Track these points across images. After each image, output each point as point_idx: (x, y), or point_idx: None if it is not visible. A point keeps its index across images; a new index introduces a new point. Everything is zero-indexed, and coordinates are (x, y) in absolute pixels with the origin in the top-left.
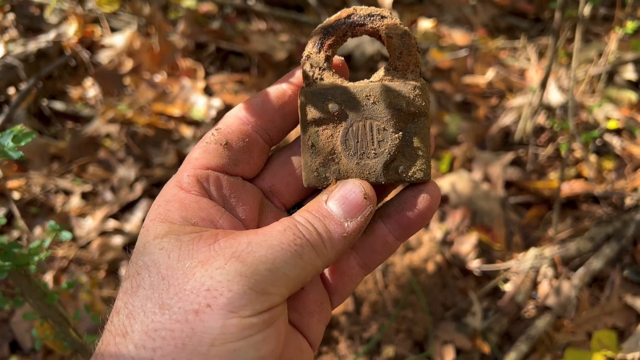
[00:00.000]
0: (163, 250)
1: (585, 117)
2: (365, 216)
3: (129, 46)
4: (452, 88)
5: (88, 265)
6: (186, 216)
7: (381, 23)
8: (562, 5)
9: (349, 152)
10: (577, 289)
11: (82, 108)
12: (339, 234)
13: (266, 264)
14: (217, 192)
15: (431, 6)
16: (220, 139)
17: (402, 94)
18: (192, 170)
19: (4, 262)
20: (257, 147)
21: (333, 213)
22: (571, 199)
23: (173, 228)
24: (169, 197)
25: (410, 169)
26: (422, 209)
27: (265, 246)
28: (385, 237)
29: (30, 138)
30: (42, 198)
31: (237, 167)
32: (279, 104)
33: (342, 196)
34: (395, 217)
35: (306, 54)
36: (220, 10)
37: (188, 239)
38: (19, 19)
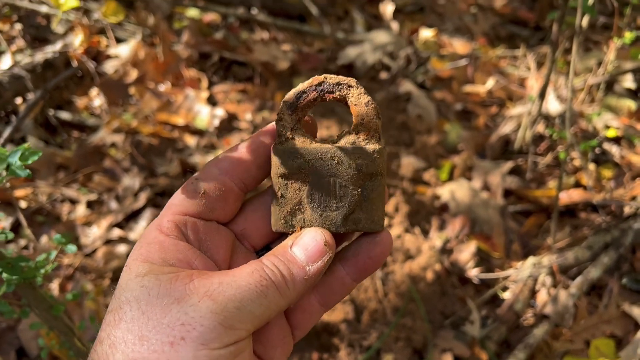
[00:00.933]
0: (144, 287)
1: (584, 126)
2: (325, 261)
3: (134, 56)
4: (452, 97)
5: (93, 273)
6: (165, 257)
7: (348, 92)
8: (560, 17)
9: (313, 204)
10: (574, 297)
11: (87, 117)
12: (300, 277)
13: (234, 303)
14: (194, 235)
15: (432, 15)
16: (199, 188)
17: (362, 157)
18: (172, 216)
19: (11, 275)
20: (232, 195)
21: (297, 258)
22: (570, 208)
23: (153, 268)
24: (150, 239)
25: (366, 221)
26: (376, 255)
27: (235, 286)
28: (343, 279)
29: (37, 156)
30: (49, 207)
31: (213, 213)
32: (255, 156)
33: (305, 243)
34: (352, 261)
35: (279, 116)
36: (224, 20)
37: (166, 278)
38: (26, 29)
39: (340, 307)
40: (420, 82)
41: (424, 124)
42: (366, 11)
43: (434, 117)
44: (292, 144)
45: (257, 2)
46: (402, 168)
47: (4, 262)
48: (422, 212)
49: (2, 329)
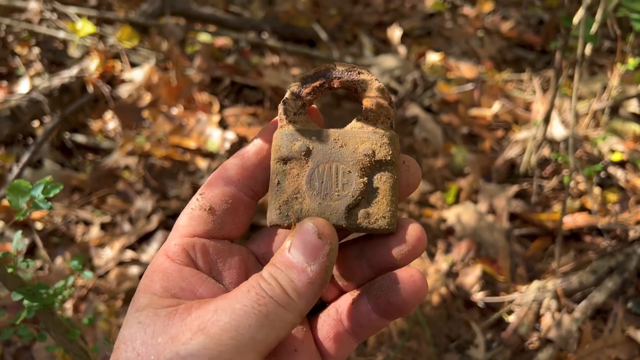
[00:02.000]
0: (141, 324)
1: (589, 150)
2: (326, 255)
3: (147, 80)
4: (458, 120)
5: (106, 294)
6: (167, 286)
7: (357, 77)
8: (563, 45)
9: (313, 192)
10: (579, 321)
11: (102, 140)
12: (303, 282)
13: (229, 332)
14: (204, 259)
15: (439, 39)
16: (205, 204)
17: (370, 141)
18: (179, 239)
19: (32, 302)
20: (241, 206)
21: (294, 260)
22: (575, 232)
23: (153, 300)
24: (155, 267)
25: (373, 217)
26: (401, 301)
27: (229, 312)
28: (369, 314)
29: (58, 189)
30: (64, 228)
31: (223, 230)
32: (259, 159)
33: (300, 240)
34: (377, 299)
35: (284, 99)
36: (235, 44)
37: (165, 313)
38: (44, 53)
39: None
40: (427, 106)
41: (430, 147)
42: (374, 36)
43: (440, 141)
44: (293, 127)
45: (268, 27)
46: None
47: (25, 289)
48: (428, 235)
49: (18, 348)
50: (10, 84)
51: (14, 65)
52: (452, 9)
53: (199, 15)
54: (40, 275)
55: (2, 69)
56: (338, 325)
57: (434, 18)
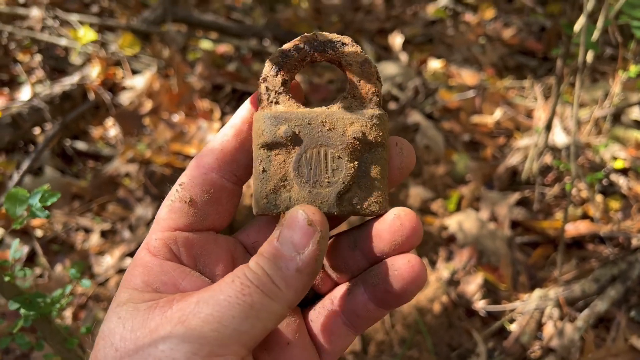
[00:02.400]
0: (120, 319)
1: (591, 157)
2: (317, 242)
3: (148, 87)
4: (460, 127)
5: (105, 302)
6: (148, 281)
7: (342, 50)
8: (564, 53)
9: (301, 180)
10: (581, 330)
11: (103, 147)
12: (292, 270)
13: (211, 324)
14: (187, 252)
15: (441, 46)
16: (184, 195)
17: (359, 122)
18: (160, 233)
19: (29, 311)
20: (224, 194)
21: (282, 249)
22: (577, 239)
23: (133, 295)
24: (137, 261)
25: (365, 201)
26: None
27: (212, 303)
28: (366, 305)
29: (56, 198)
30: (64, 236)
31: (206, 221)
32: (238, 141)
33: (289, 228)
34: (374, 287)
35: (263, 76)
36: (237, 51)
37: (145, 307)
38: (46, 60)
39: None
40: (428, 113)
41: (432, 154)
42: (375, 42)
43: (442, 148)
44: (276, 109)
45: (269, 34)
46: (410, 198)
47: (22, 297)
48: (430, 243)
49: (17, 356)
50: (11, 91)
51: (15, 72)
52: (454, 16)
53: (200, 22)
54: (39, 283)
55: (3, 76)
56: (333, 317)
57: (436, 25)
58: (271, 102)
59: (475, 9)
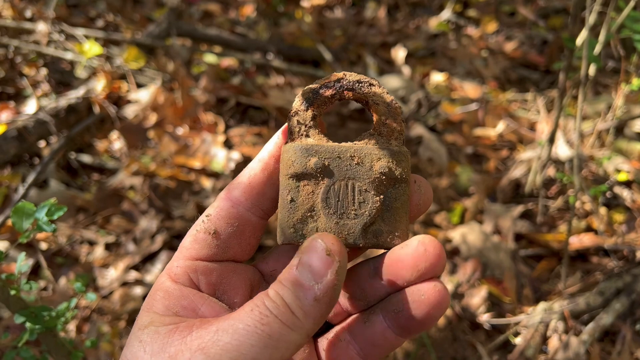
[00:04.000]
0: (141, 343)
1: (595, 169)
2: (335, 272)
3: (153, 101)
4: (463, 140)
5: (109, 315)
6: (168, 305)
7: (369, 90)
8: (566, 66)
9: (328, 211)
10: (586, 344)
11: (107, 160)
12: (310, 300)
13: (230, 353)
14: (207, 281)
15: (443, 59)
16: (209, 227)
17: (386, 158)
18: (182, 261)
19: (34, 325)
20: (248, 228)
21: (301, 278)
22: (581, 252)
23: (154, 319)
24: (157, 286)
25: (389, 234)
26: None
27: (231, 332)
28: (384, 333)
29: (62, 212)
30: (68, 248)
31: (227, 253)
32: (266, 175)
33: (308, 257)
34: (393, 315)
35: (294, 110)
36: (241, 65)
37: (165, 330)
38: (51, 74)
39: None
40: (431, 126)
41: (435, 167)
42: (378, 56)
43: (445, 160)
44: (306, 141)
45: (273, 48)
46: None
47: (28, 311)
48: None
49: None
50: (17, 105)
51: (21, 85)
52: (456, 29)
53: (204, 36)
54: (44, 296)
55: (9, 90)
56: (346, 347)
57: (438, 38)
58: (301, 134)
59: (478, 23)
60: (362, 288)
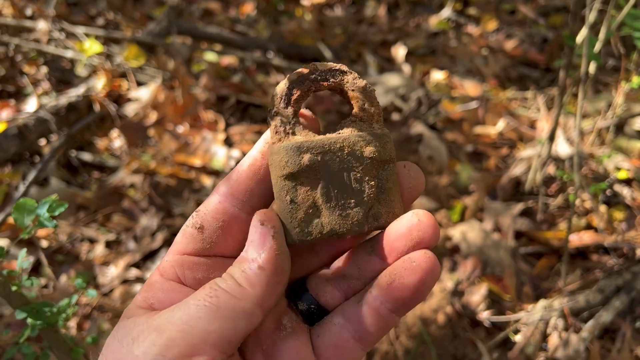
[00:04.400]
0: (114, 335)
1: (595, 167)
2: (273, 238)
3: (153, 99)
4: (463, 138)
5: (110, 312)
6: (146, 297)
7: (342, 78)
8: (566, 64)
9: (330, 204)
10: (586, 341)
11: (108, 158)
12: (254, 269)
13: (179, 327)
14: (192, 275)
15: (443, 57)
16: (197, 222)
17: (373, 143)
18: (171, 256)
19: (35, 320)
20: (236, 224)
21: (247, 255)
22: (581, 250)
23: (132, 310)
24: (147, 281)
25: (388, 215)
26: (414, 283)
27: (183, 308)
28: (379, 310)
29: (64, 208)
30: (69, 246)
31: (215, 248)
32: (253, 171)
33: (250, 236)
34: (386, 289)
35: (274, 111)
36: (241, 63)
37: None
38: (52, 72)
39: None
40: (431, 124)
41: (435, 165)
42: (378, 54)
43: (445, 158)
44: (294, 139)
45: (273, 46)
46: (414, 208)
47: (29, 307)
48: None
49: None
50: (18, 103)
51: (22, 84)
52: (456, 27)
53: (205, 34)
54: (44, 294)
55: (10, 88)
56: (342, 331)
57: (438, 37)
58: (287, 133)
59: (478, 21)
60: (359, 267)
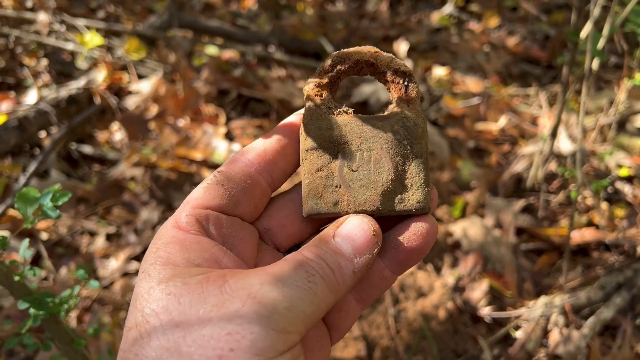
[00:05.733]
0: (171, 295)
1: (596, 164)
2: (373, 253)
3: (154, 92)
4: (465, 134)
5: (110, 305)
6: (189, 257)
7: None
8: (570, 60)
9: (349, 182)
10: (587, 338)
11: (108, 151)
12: (349, 270)
13: (284, 303)
14: (217, 231)
15: (445, 53)
16: (222, 179)
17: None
18: (191, 210)
19: (38, 311)
20: (258, 190)
21: (342, 249)
22: (582, 247)
23: (177, 271)
24: (168, 239)
25: (408, 200)
26: (419, 245)
27: (280, 285)
28: (382, 272)
29: (67, 197)
30: (69, 239)
31: (237, 208)
32: (281, 145)
33: (351, 232)
34: (391, 251)
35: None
36: (242, 57)
37: (195, 281)
38: (52, 64)
39: (352, 343)
40: (433, 120)
41: (436, 160)
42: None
43: (446, 154)
44: (324, 114)
45: (275, 41)
46: None
47: (31, 297)
48: (435, 249)
49: (21, 359)
50: (18, 95)
51: (22, 76)
52: (458, 23)
53: (206, 28)
54: (44, 286)
55: (10, 80)
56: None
57: (440, 33)
58: (318, 105)
59: (480, 17)
60: None
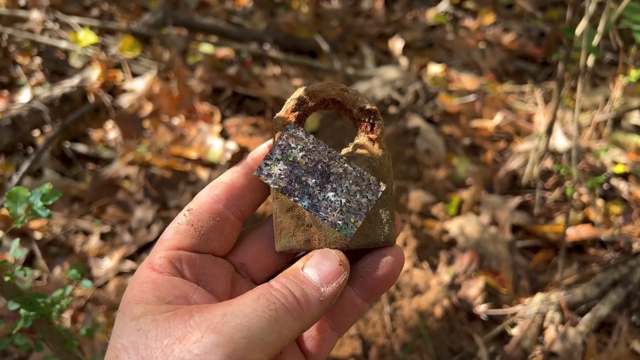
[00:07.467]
0: (140, 331)
1: (592, 161)
2: (341, 282)
3: (149, 90)
4: (460, 132)
5: (105, 305)
6: (160, 295)
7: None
8: (565, 57)
9: (319, 221)
10: (583, 335)
11: (102, 150)
12: (315, 299)
13: (242, 332)
14: (190, 270)
15: (441, 50)
16: (192, 219)
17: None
18: (164, 252)
19: (29, 311)
20: (228, 224)
21: (309, 278)
22: (578, 244)
23: (148, 308)
24: (142, 279)
25: (375, 235)
26: (386, 273)
27: (240, 315)
28: (353, 299)
29: (58, 197)
30: (63, 238)
31: (209, 245)
32: (247, 179)
33: (318, 263)
34: (360, 281)
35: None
36: (237, 55)
37: (164, 317)
38: (45, 63)
39: (348, 342)
40: (428, 117)
41: (432, 158)
42: (376, 47)
43: (442, 152)
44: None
45: (270, 38)
46: (411, 202)
47: (22, 298)
48: (431, 247)
49: (15, 359)
50: (11, 94)
51: (15, 74)
52: (454, 21)
53: (201, 26)
54: (38, 286)
55: (3, 79)
56: (321, 321)
57: (436, 30)
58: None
59: (475, 15)
60: None
